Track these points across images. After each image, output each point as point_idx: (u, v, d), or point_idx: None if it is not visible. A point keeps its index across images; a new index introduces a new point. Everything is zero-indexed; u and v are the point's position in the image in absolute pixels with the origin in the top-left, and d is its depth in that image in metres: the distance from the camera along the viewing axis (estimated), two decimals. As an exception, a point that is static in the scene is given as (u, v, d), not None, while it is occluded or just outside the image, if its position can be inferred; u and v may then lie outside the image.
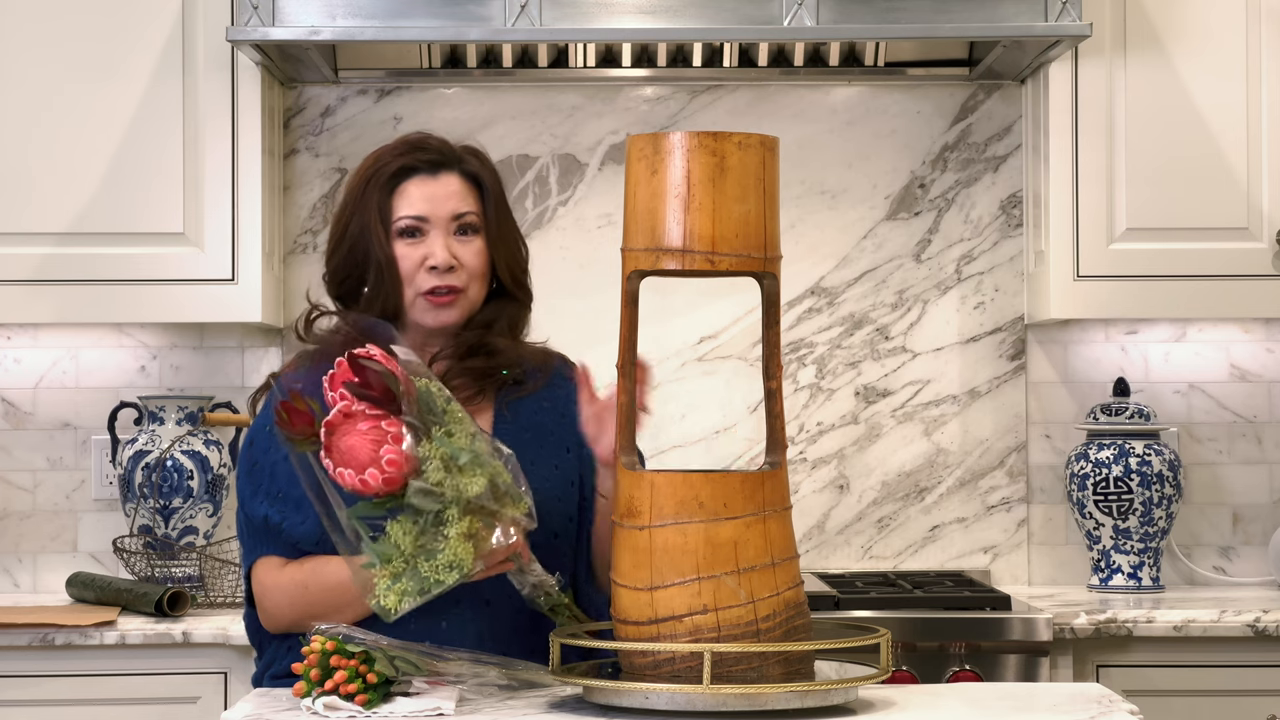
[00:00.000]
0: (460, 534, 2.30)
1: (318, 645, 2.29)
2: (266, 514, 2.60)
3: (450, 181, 2.68)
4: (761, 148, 2.31)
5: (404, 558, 2.30)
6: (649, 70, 4.02)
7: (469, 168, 2.70)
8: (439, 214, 2.65)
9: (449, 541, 2.30)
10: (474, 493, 2.31)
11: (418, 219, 2.65)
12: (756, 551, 2.29)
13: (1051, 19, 3.54)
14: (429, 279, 2.64)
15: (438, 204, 2.66)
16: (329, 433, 2.33)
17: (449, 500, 2.31)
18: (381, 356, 2.36)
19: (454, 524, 2.30)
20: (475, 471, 2.32)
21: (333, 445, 2.32)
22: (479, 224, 2.68)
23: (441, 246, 2.64)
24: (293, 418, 2.38)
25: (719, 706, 2.23)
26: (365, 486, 2.31)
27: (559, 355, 2.80)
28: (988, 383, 4.05)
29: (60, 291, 3.71)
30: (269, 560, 2.61)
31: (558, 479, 2.66)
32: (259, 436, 2.66)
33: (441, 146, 2.70)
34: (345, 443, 2.31)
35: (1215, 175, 3.76)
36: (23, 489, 4.00)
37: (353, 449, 2.31)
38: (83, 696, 3.43)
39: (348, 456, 2.31)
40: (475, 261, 2.66)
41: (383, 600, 2.30)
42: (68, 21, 3.70)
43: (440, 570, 2.30)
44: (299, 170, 4.02)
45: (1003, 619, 3.44)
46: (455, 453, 2.32)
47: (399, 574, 2.30)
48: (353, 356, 2.36)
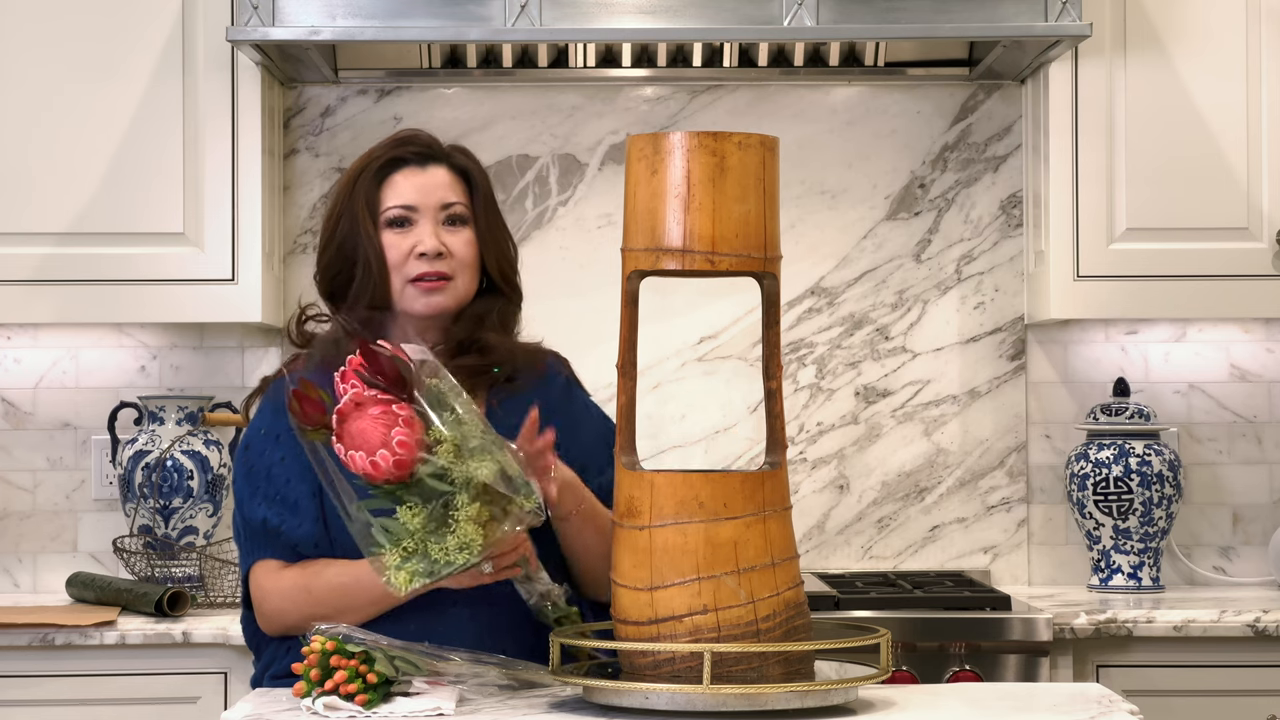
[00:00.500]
0: (470, 517, 2.30)
1: (318, 645, 2.29)
2: (265, 516, 2.60)
3: (438, 173, 2.68)
4: (761, 148, 2.31)
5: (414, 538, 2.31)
6: (649, 70, 4.02)
7: (457, 162, 2.71)
8: (427, 203, 2.66)
9: (459, 523, 2.30)
10: (484, 477, 2.31)
11: (406, 208, 2.65)
12: (756, 551, 2.29)
13: (1051, 19, 3.54)
14: (418, 265, 2.64)
15: (426, 193, 2.66)
16: (340, 420, 2.33)
17: (459, 483, 2.31)
18: (394, 347, 2.38)
19: (464, 507, 2.31)
20: (484, 457, 2.32)
21: (344, 431, 2.33)
22: (467, 215, 2.68)
23: (430, 234, 2.64)
24: (304, 405, 2.39)
25: (719, 706, 2.23)
26: (376, 469, 2.31)
27: (550, 353, 2.80)
28: (988, 383, 4.05)
29: (60, 291, 3.70)
30: (268, 563, 2.61)
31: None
32: (255, 440, 2.66)
33: (430, 141, 2.72)
34: (356, 427, 2.32)
35: (1215, 175, 3.76)
36: (23, 489, 4.00)
37: (364, 431, 2.32)
38: (83, 696, 3.43)
39: (359, 439, 2.32)
40: (464, 251, 2.66)
41: (393, 578, 2.30)
42: (67, 21, 3.70)
43: (450, 552, 2.30)
44: (299, 170, 4.02)
45: (1003, 619, 3.44)
46: (466, 437, 2.33)
47: (410, 554, 2.31)
48: (365, 344, 2.37)
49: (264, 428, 2.65)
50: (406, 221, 2.65)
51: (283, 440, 2.59)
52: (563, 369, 2.79)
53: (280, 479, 2.59)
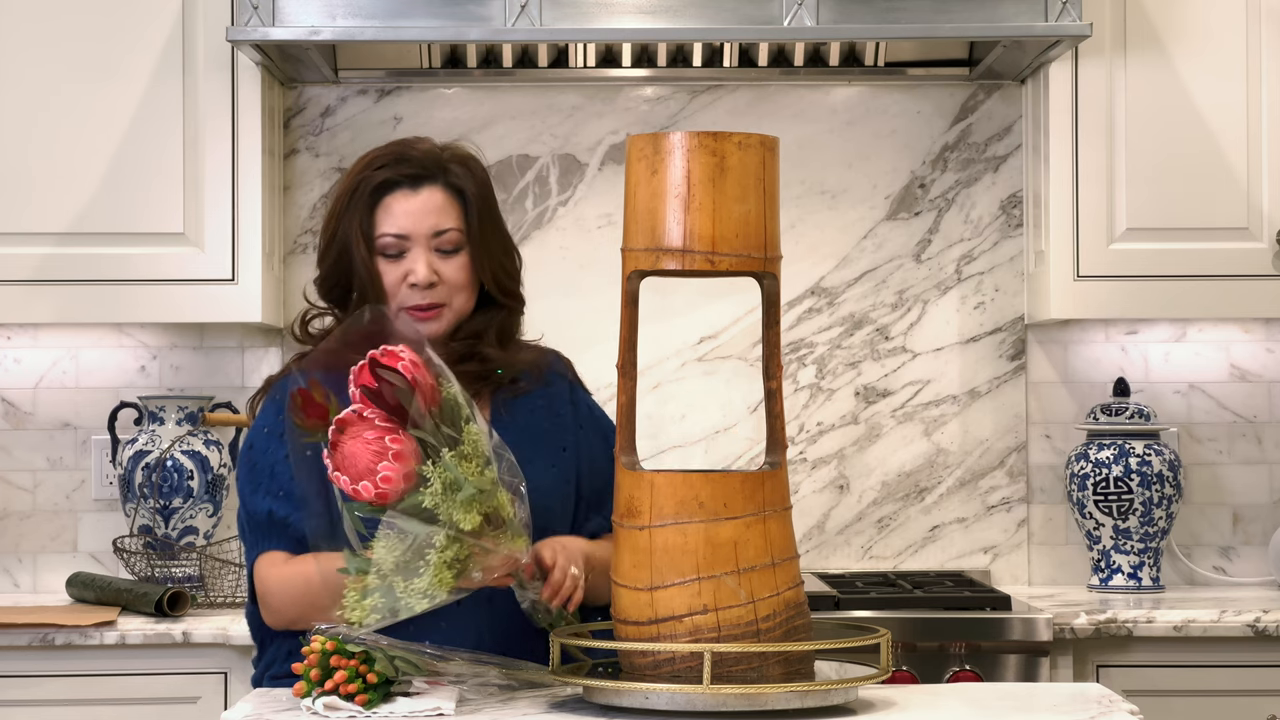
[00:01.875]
0: (443, 562, 2.28)
1: (318, 645, 2.29)
2: (270, 508, 2.60)
3: (432, 196, 2.67)
4: (761, 148, 2.31)
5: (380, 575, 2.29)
6: (649, 70, 4.02)
7: (452, 179, 2.69)
8: (419, 230, 2.66)
9: (430, 566, 2.28)
10: (466, 529, 2.29)
11: (398, 237, 2.66)
12: (756, 551, 2.29)
13: (1051, 19, 3.54)
14: (411, 295, 2.65)
15: (418, 220, 2.66)
16: (339, 429, 2.32)
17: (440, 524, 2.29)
18: (411, 362, 2.34)
19: (439, 550, 2.29)
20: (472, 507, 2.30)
21: (338, 444, 2.32)
22: (461, 240, 2.68)
23: (423, 264, 2.65)
24: (307, 406, 2.38)
25: (719, 706, 2.23)
26: (357, 496, 2.30)
27: (552, 352, 2.80)
28: (988, 383, 4.05)
29: (60, 291, 3.70)
30: (272, 555, 2.61)
31: (554, 477, 2.67)
32: (259, 438, 2.66)
33: (425, 158, 2.69)
34: (348, 447, 2.31)
35: (1215, 175, 3.76)
36: (23, 489, 4.00)
37: (353, 455, 2.30)
38: (83, 696, 3.43)
39: (347, 462, 2.30)
40: (457, 276, 2.67)
41: (349, 614, 2.29)
42: (67, 21, 3.70)
43: (413, 594, 2.29)
44: (299, 170, 4.02)
45: (1003, 619, 3.44)
46: (460, 481, 2.31)
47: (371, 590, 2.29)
48: (374, 361, 2.34)
49: (268, 426, 2.65)
50: (400, 250, 2.66)
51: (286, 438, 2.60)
52: (567, 372, 2.80)
53: (284, 476, 2.59)
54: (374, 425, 2.31)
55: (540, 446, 2.67)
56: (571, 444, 2.70)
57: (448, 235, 2.66)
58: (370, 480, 2.29)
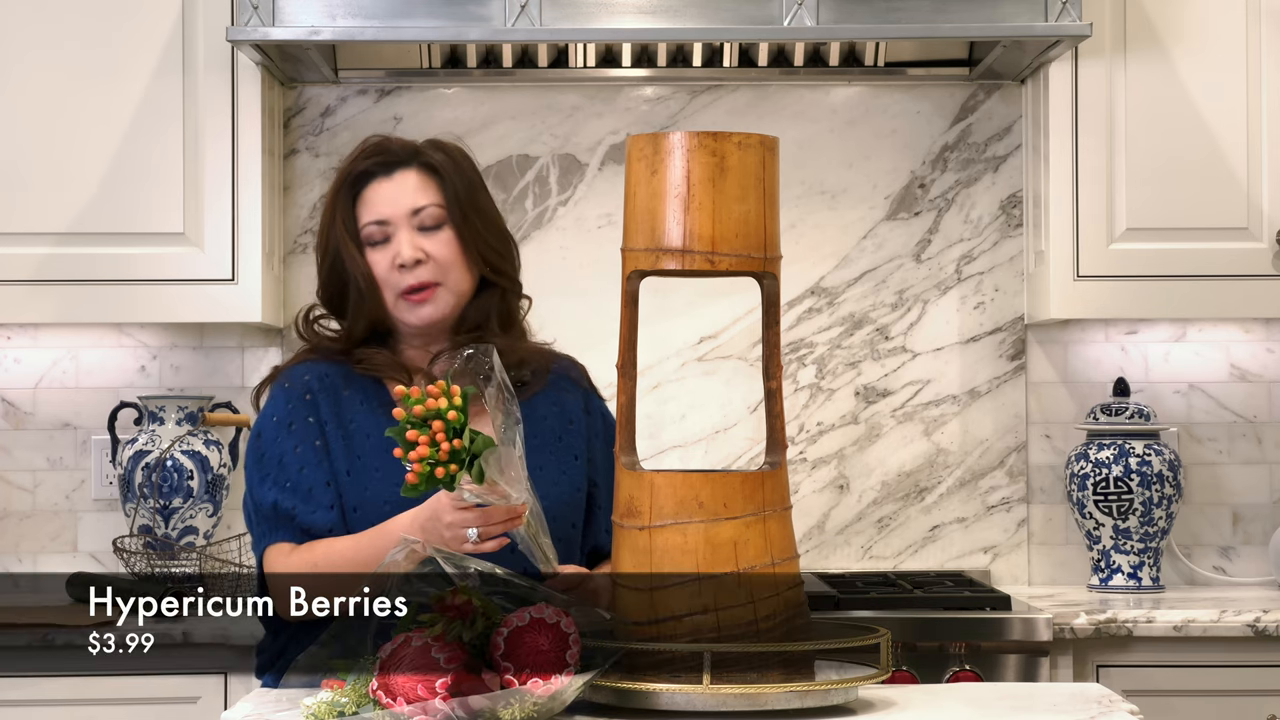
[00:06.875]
0: None
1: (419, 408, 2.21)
2: (276, 500, 2.61)
3: (407, 178, 2.68)
4: (761, 148, 2.31)
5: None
6: (649, 70, 4.02)
7: (425, 159, 2.69)
8: (397, 212, 2.66)
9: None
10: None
11: (379, 223, 2.66)
12: (756, 551, 2.29)
13: (1051, 19, 3.54)
14: (402, 277, 2.65)
15: (395, 203, 2.67)
16: (392, 649, 2.18)
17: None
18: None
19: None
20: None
21: (395, 658, 2.18)
22: (442, 216, 2.67)
23: (407, 243, 2.65)
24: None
25: (719, 706, 2.23)
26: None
27: (566, 357, 2.80)
28: (988, 383, 4.05)
29: (60, 291, 3.70)
30: (280, 546, 2.62)
31: (565, 484, 2.67)
32: (267, 428, 2.66)
33: (400, 147, 2.70)
34: (397, 680, 2.16)
35: (1215, 175, 3.76)
36: (23, 489, 4.00)
37: (401, 686, 2.16)
38: (83, 696, 3.43)
39: (393, 688, 2.17)
40: (444, 252, 2.66)
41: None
42: (68, 22, 3.70)
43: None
44: (299, 170, 4.02)
45: (1003, 619, 3.44)
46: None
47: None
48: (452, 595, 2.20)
49: (276, 415, 2.65)
50: (384, 237, 2.66)
51: (295, 429, 2.61)
52: (582, 380, 2.79)
53: (293, 467, 2.60)
54: (428, 668, 2.17)
55: (552, 452, 2.68)
56: (582, 451, 2.71)
57: (427, 211, 2.66)
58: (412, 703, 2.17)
